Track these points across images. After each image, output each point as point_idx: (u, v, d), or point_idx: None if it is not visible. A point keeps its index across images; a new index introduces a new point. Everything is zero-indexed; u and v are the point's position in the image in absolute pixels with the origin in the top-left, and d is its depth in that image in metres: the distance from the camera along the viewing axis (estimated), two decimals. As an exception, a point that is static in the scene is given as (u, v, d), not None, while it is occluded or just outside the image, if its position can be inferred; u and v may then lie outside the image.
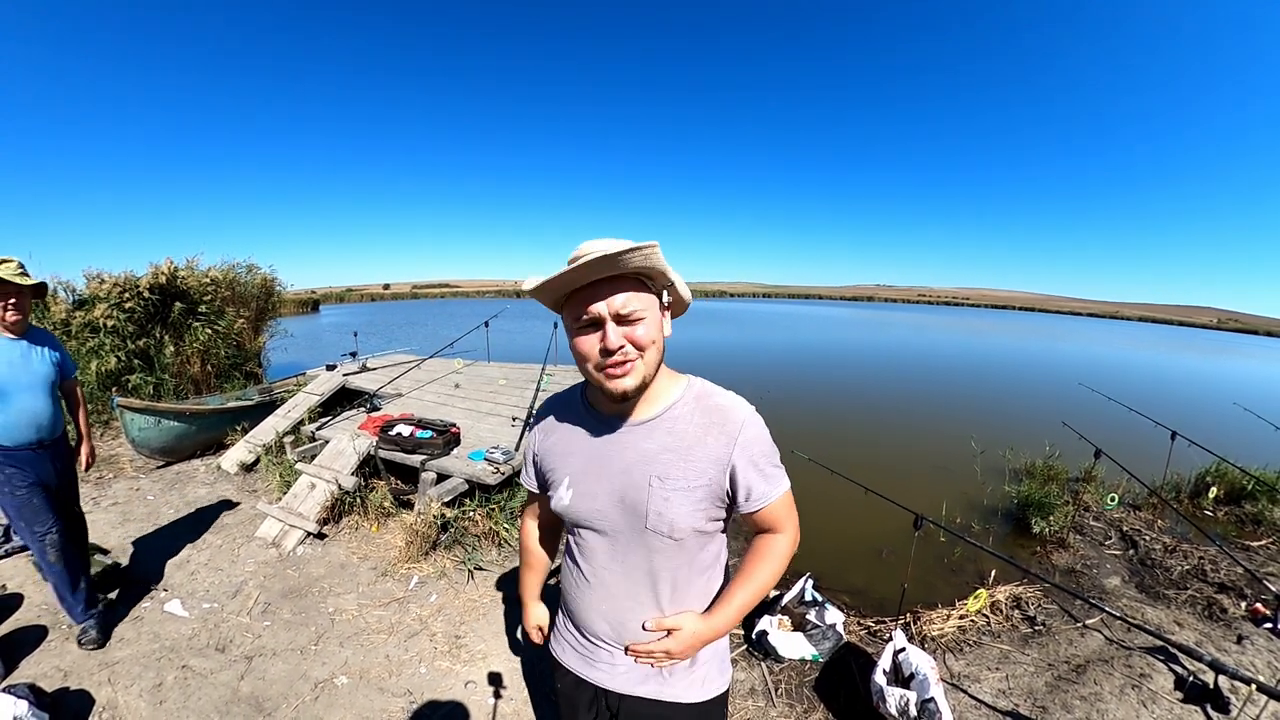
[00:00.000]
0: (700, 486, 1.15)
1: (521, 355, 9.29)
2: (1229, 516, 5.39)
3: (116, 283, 7.19)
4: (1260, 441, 6.79)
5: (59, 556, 2.87)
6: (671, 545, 1.18)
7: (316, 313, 41.03)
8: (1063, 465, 6.15)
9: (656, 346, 1.12)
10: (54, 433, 2.90)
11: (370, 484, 4.51)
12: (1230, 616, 3.59)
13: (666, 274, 1.09)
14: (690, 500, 1.15)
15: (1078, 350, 27.29)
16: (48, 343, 2.91)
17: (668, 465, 1.15)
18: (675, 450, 1.16)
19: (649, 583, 1.21)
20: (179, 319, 7.62)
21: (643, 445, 1.18)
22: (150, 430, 5.32)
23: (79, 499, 3.19)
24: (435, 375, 7.55)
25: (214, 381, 8.04)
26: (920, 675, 2.50)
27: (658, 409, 1.19)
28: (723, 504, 1.19)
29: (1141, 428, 6.25)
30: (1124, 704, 2.79)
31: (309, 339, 18.83)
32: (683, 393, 1.21)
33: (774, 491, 1.19)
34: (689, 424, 1.17)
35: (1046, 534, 4.72)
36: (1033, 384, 14.74)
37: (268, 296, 10.09)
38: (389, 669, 2.87)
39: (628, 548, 1.21)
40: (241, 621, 3.20)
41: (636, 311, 1.07)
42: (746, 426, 1.17)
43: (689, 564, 1.22)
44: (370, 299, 74.16)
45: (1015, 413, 10.53)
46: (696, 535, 1.19)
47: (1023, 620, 3.49)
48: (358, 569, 3.77)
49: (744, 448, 1.15)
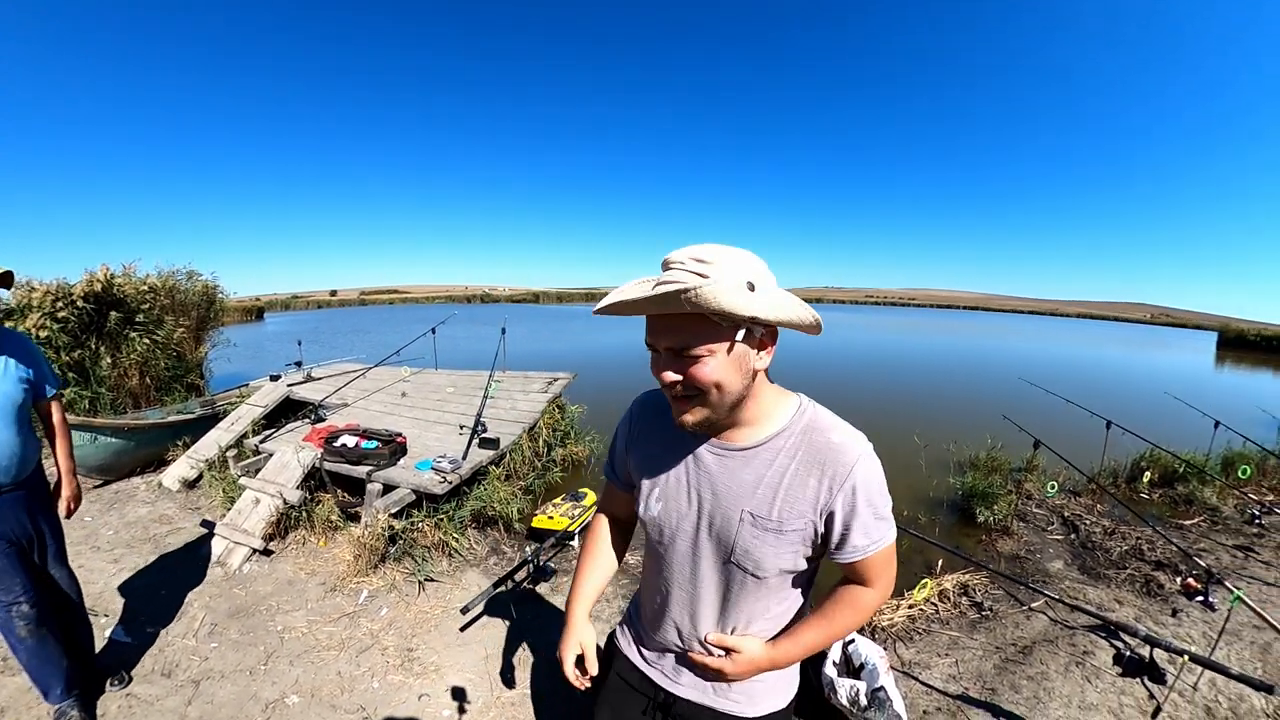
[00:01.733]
0: (795, 530, 1.07)
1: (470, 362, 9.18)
2: (1163, 498, 5.66)
3: (49, 291, 6.80)
4: (1190, 427, 7.12)
5: (31, 632, 2.28)
6: (754, 580, 1.12)
7: (261, 321, 39.88)
8: (1005, 456, 6.34)
9: (727, 389, 0.99)
10: (21, 472, 2.27)
11: (316, 497, 4.39)
12: (1166, 592, 3.78)
13: (731, 313, 0.89)
14: (782, 542, 1.08)
15: (1018, 346, 28.29)
16: (15, 351, 2.27)
17: (761, 502, 1.07)
18: (772, 486, 1.07)
19: (724, 607, 1.18)
20: (115, 329, 7.25)
21: (740, 474, 1.10)
22: (86, 448, 5.05)
23: (65, 554, 2.55)
24: (382, 384, 7.42)
25: (154, 394, 7.69)
26: (870, 665, 2.55)
27: (760, 436, 1.09)
28: (813, 548, 1.11)
29: (1079, 418, 6.51)
30: (1069, 681, 2.90)
31: (253, 348, 18.26)
32: (790, 421, 1.10)
33: (873, 546, 1.07)
34: (792, 459, 1.07)
35: (991, 522, 4.87)
36: (975, 379, 15.21)
37: (209, 304, 9.71)
38: (340, 686, 2.79)
39: (709, 572, 1.16)
40: (187, 644, 3.08)
41: (695, 350, 0.96)
42: (856, 471, 1.04)
43: (768, 596, 1.16)
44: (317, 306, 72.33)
45: (958, 407, 10.82)
46: (782, 574, 1.12)
47: (970, 607, 3.60)
48: (306, 585, 3.66)
49: (849, 495, 1.04)
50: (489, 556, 4.11)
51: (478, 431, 5.05)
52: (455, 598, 3.54)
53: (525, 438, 5.60)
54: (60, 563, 2.51)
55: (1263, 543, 4.56)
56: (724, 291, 0.86)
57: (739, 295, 0.88)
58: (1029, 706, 2.72)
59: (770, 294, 0.94)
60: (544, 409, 6.20)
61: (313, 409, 5.84)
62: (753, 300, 0.90)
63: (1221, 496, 5.42)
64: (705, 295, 0.85)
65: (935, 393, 12.81)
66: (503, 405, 6.23)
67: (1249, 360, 26.24)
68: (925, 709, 2.71)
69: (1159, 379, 15.89)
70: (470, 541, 4.21)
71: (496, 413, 5.93)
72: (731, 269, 0.92)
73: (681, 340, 0.96)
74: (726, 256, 0.94)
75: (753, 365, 1.01)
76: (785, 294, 0.97)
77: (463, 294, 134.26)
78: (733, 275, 0.92)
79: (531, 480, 5.44)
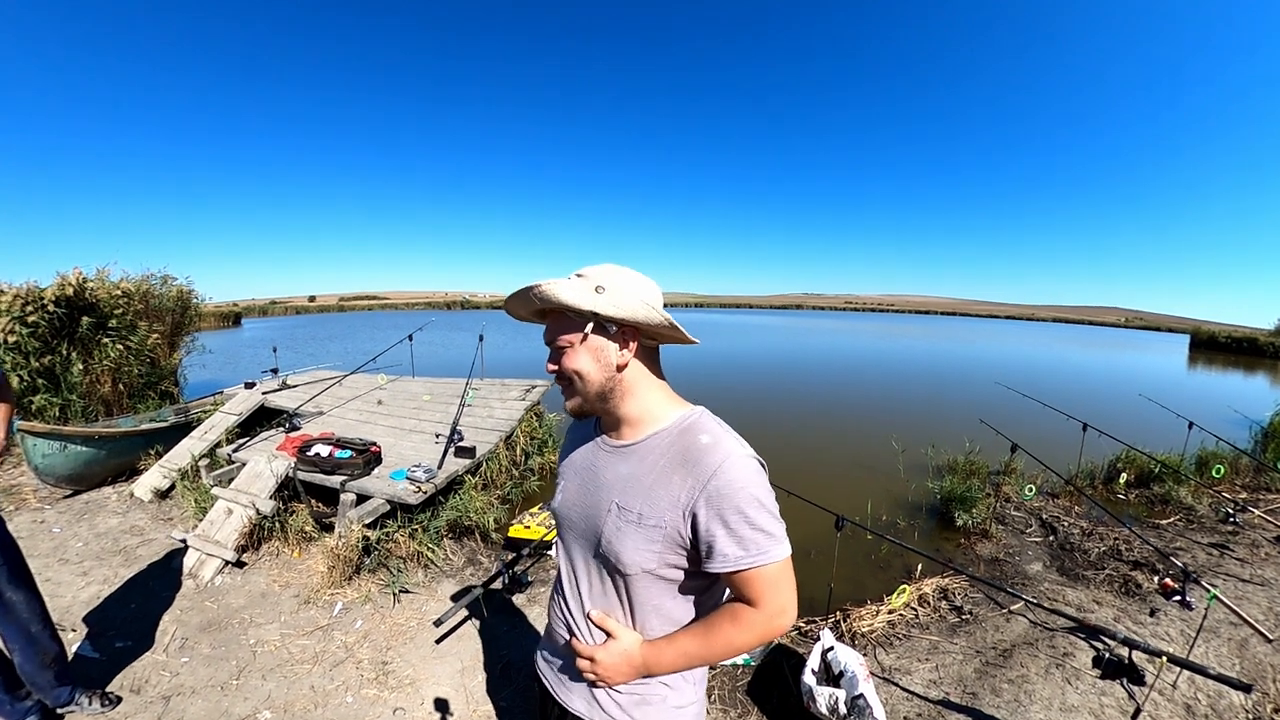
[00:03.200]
0: (655, 526, 1.07)
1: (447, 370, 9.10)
2: (1139, 499, 5.74)
3: (18, 295, 6.65)
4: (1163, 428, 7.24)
5: None
6: (620, 578, 1.13)
7: (238, 326, 39.31)
8: (983, 460, 6.40)
9: (587, 377, 1.13)
10: None
11: (290, 507, 4.31)
12: (1144, 591, 3.82)
13: (571, 306, 1.07)
14: (642, 537, 1.08)
15: (994, 351, 28.60)
16: None
17: (628, 494, 1.12)
18: (640, 480, 1.12)
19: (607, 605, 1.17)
20: (88, 334, 7.07)
21: (618, 468, 1.17)
22: (55, 457, 4.93)
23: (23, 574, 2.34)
24: (358, 392, 7.32)
25: (126, 401, 7.53)
26: (849, 672, 2.54)
27: (640, 435, 1.17)
28: (683, 552, 1.09)
29: (1055, 421, 6.59)
30: (1049, 683, 2.91)
31: (228, 355, 17.99)
32: (672, 423, 1.15)
33: (748, 559, 1.02)
34: (660, 456, 1.11)
35: (970, 526, 4.90)
36: (952, 384, 15.34)
37: (184, 310, 9.55)
38: (314, 700, 2.74)
39: (585, 563, 1.21)
40: (158, 659, 3.00)
41: (558, 341, 1.14)
42: (721, 473, 1.02)
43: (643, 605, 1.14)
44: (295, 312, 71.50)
45: (935, 412, 10.89)
46: (649, 578, 1.11)
47: (950, 611, 3.60)
48: (279, 597, 3.59)
49: (711, 496, 1.02)
50: (465, 567, 4.06)
51: (454, 440, 5.00)
52: (431, 609, 3.48)
53: (502, 446, 5.55)
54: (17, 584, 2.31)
55: (1237, 541, 4.63)
56: (563, 289, 1.05)
57: (578, 293, 1.06)
58: (1010, 710, 2.73)
59: (614, 295, 1.07)
60: (521, 417, 6.14)
61: (287, 417, 5.75)
62: (596, 299, 1.06)
63: (1196, 496, 5.50)
64: (545, 289, 1.06)
65: (912, 397, 12.92)
66: (480, 413, 6.18)
67: (1220, 362, 26.83)
68: (906, 715, 2.71)
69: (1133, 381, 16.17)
70: (446, 552, 4.15)
71: (473, 421, 5.88)
72: (594, 278, 1.10)
73: (551, 334, 1.15)
74: (597, 270, 1.13)
75: (613, 360, 1.12)
76: (637, 300, 1.08)
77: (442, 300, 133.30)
78: (588, 282, 1.09)
79: (509, 489, 5.39)
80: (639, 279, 1.14)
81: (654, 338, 1.19)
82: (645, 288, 1.13)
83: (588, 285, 1.08)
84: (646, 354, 1.18)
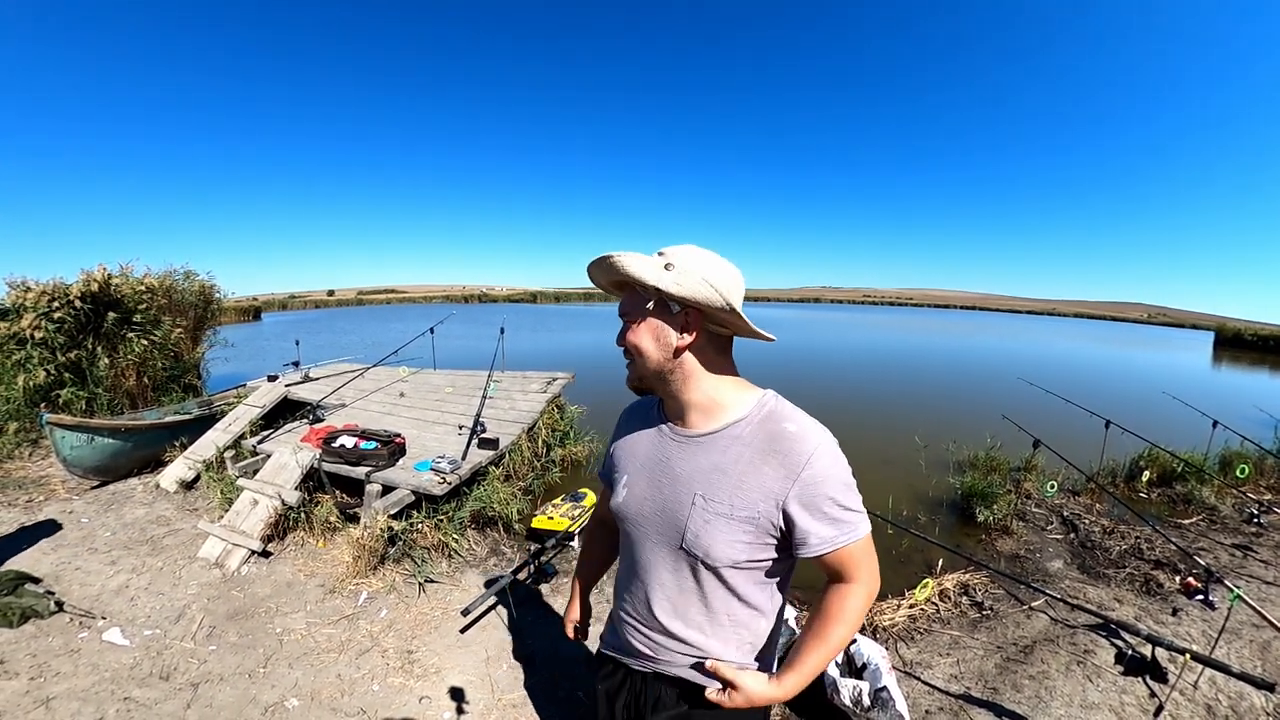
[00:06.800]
0: (746, 519, 1.07)
1: (468, 362, 9.15)
2: (1162, 498, 5.66)
3: (45, 291, 6.81)
4: (1188, 426, 7.13)
5: None
6: (706, 571, 1.12)
7: (258, 320, 39.77)
8: (1004, 456, 6.33)
9: (646, 355, 1.13)
10: None
11: (315, 498, 4.37)
12: (1166, 591, 3.77)
13: (636, 278, 1.08)
14: (732, 529, 1.08)
15: (1016, 346, 28.27)
16: None
17: (714, 486, 1.10)
18: (726, 472, 1.09)
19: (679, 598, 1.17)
20: (113, 329, 7.22)
21: (697, 459, 1.13)
22: (83, 449, 5.05)
23: None
24: (380, 384, 7.39)
25: (151, 395, 7.66)
26: (872, 665, 2.54)
27: (718, 424, 1.14)
28: (774, 541, 1.10)
29: (1078, 418, 6.51)
30: (1070, 680, 2.89)
31: (250, 348, 18.21)
32: (750, 410, 1.13)
33: (843, 538, 1.06)
34: (747, 447, 1.09)
35: (991, 522, 4.87)
36: (974, 379, 15.20)
37: (206, 304, 9.69)
38: (341, 688, 2.78)
39: (664, 559, 1.18)
40: (186, 647, 3.06)
41: (627, 317, 1.16)
42: (813, 462, 1.04)
43: (727, 595, 1.15)
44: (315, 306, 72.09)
45: (957, 407, 10.81)
46: (737, 569, 1.12)
47: (971, 606, 3.59)
48: (305, 586, 3.65)
49: (805, 486, 1.04)
50: (489, 557, 4.10)
51: (477, 432, 5.04)
52: (455, 599, 3.53)
53: (524, 438, 5.58)
54: None
55: (1261, 542, 4.56)
56: (632, 260, 1.07)
57: (646, 267, 1.07)
58: (1031, 706, 2.72)
59: (680, 273, 1.07)
60: (543, 409, 6.19)
61: (311, 409, 5.82)
62: (661, 275, 1.06)
63: (1220, 496, 5.43)
64: (616, 259, 1.08)
65: (934, 393, 12.81)
66: (502, 405, 6.22)
67: (1245, 359, 26.31)
68: (927, 709, 2.71)
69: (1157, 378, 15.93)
70: (470, 542, 4.20)
71: (495, 413, 5.92)
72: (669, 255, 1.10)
73: (623, 308, 1.16)
74: (676, 249, 1.12)
75: (672, 341, 1.11)
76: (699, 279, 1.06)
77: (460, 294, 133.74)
78: (661, 259, 1.09)
79: (531, 481, 5.44)
80: (714, 261, 1.10)
81: (723, 326, 1.15)
82: (716, 269, 1.09)
83: (659, 261, 1.09)
84: (715, 343, 1.16)
